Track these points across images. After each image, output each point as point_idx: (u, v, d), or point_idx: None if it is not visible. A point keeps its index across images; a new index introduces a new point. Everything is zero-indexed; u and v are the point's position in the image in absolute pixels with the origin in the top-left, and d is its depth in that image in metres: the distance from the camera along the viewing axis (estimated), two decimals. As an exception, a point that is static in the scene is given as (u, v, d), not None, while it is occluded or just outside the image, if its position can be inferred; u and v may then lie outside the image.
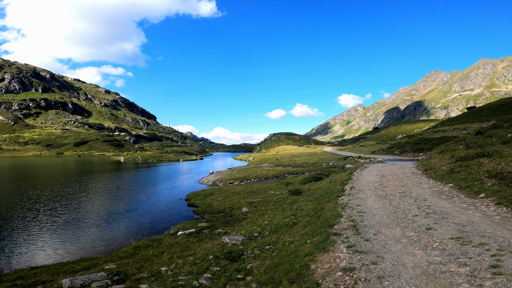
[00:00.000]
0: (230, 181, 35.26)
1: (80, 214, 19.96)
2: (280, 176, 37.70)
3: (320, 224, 9.26)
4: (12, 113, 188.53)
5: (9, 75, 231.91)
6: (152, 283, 7.85)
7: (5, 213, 19.41)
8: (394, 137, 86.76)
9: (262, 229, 12.38)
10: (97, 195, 28.03)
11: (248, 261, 8.34)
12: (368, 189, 14.61)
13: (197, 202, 23.20)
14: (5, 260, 11.89)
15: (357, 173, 21.25)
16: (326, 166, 42.11)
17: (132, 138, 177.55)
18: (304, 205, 14.24)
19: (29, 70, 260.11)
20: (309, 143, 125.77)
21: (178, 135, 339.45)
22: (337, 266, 5.89)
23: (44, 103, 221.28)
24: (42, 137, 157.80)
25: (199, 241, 13.10)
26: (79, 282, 7.96)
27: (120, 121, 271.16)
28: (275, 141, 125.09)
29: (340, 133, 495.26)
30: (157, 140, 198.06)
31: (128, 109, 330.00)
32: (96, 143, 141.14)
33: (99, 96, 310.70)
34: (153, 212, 21.04)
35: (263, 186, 28.04)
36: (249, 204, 20.44)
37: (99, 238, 15.06)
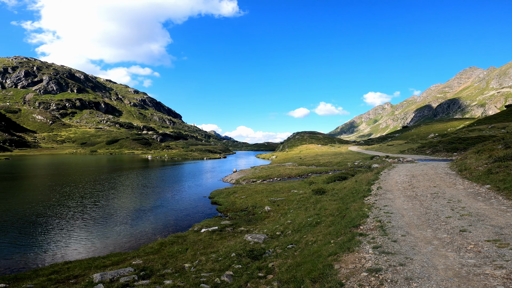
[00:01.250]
0: (253, 180, 35.35)
1: (110, 210, 20.75)
2: (304, 175, 37.20)
3: (345, 224, 8.99)
4: (50, 112, 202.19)
5: (47, 76, 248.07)
6: (176, 279, 7.98)
7: (42, 209, 20.63)
8: (425, 136, 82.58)
9: (284, 228, 12.25)
10: (126, 192, 29.16)
11: (270, 259, 8.29)
12: (396, 189, 13.98)
13: (221, 200, 23.45)
14: (42, 255, 12.49)
15: (384, 173, 20.42)
16: (351, 165, 40.95)
17: (159, 136, 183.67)
18: (328, 204, 13.90)
19: (65, 72, 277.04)
20: (333, 142, 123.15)
21: (202, 134, 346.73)
22: (362, 266, 5.73)
23: (79, 103, 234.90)
24: (78, 135, 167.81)
25: (221, 239, 13.21)
26: (108, 277, 8.25)
27: (148, 120, 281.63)
28: (298, 140, 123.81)
29: (366, 132, 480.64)
30: (182, 138, 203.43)
31: (155, 108, 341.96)
32: (126, 142, 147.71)
33: (129, 96, 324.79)
34: (178, 209, 21.49)
35: (286, 185, 27.80)
36: (272, 203, 20.34)
37: (128, 234, 15.53)
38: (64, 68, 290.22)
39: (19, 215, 18.72)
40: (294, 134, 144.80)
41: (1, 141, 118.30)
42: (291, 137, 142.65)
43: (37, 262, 11.71)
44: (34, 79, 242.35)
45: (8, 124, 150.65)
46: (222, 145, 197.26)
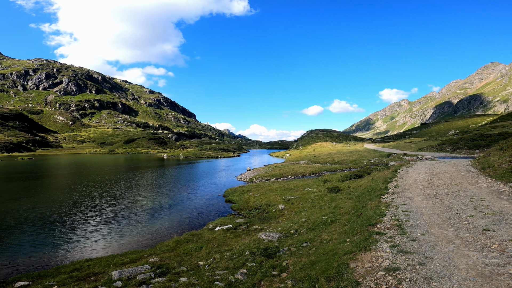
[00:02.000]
0: (266, 178, 35.29)
1: (128, 209, 21.14)
2: (318, 173, 36.78)
3: (361, 222, 8.80)
4: (70, 113, 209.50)
5: (67, 78, 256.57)
6: (190, 277, 8.05)
7: (63, 208, 21.29)
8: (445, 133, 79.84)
9: (298, 226, 12.13)
10: (143, 191, 29.69)
11: (284, 258, 8.24)
12: (415, 187, 13.56)
13: (235, 199, 23.52)
14: (64, 252, 12.82)
15: (402, 171, 19.86)
16: (367, 163, 40.12)
17: (174, 136, 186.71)
18: (343, 203, 13.65)
19: (83, 73, 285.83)
20: (348, 139, 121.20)
21: (216, 133, 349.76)
22: (379, 265, 5.62)
23: (98, 104, 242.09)
24: (97, 135, 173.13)
25: (236, 237, 13.23)
26: (126, 274, 8.42)
27: (163, 120, 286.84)
28: (312, 138, 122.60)
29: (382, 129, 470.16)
30: (196, 137, 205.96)
31: (170, 108, 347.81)
32: (143, 141, 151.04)
33: (144, 96, 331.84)
34: (193, 208, 21.69)
35: (300, 183, 27.57)
36: (286, 201, 20.21)
37: (144, 232, 15.76)
38: (82, 69, 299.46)
39: (42, 213, 19.39)
40: (308, 132, 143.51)
41: (25, 142, 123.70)
42: (305, 135, 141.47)
43: (59, 260, 12.02)
44: (54, 80, 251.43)
45: (31, 125, 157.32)
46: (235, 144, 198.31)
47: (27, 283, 8.95)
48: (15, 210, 19.96)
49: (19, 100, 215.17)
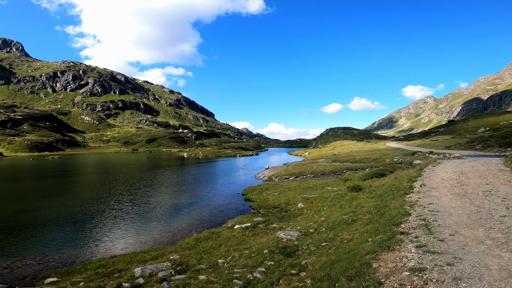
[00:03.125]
0: (285, 177, 35.04)
1: (150, 206, 21.62)
2: (338, 172, 36.04)
3: (384, 222, 8.48)
4: (96, 114, 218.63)
5: (92, 79, 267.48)
6: (209, 275, 8.12)
7: (89, 205, 22.13)
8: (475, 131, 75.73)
9: (318, 225, 11.91)
10: (164, 189, 30.37)
11: (303, 257, 8.11)
12: (442, 187, 12.91)
13: (253, 197, 23.53)
14: (90, 249, 13.24)
15: (428, 170, 19.01)
16: (390, 162, 38.81)
17: (194, 135, 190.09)
18: (365, 202, 13.24)
19: (108, 74, 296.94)
20: (369, 138, 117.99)
21: (234, 131, 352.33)
22: (403, 265, 5.45)
23: (121, 104, 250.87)
24: (121, 135, 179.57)
25: (254, 235, 13.21)
26: (148, 271, 8.61)
27: (183, 119, 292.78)
28: (332, 136, 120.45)
29: (406, 127, 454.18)
30: (215, 136, 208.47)
31: (189, 107, 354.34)
32: (164, 140, 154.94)
33: (165, 96, 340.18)
34: (213, 206, 21.89)
35: (320, 182, 27.12)
36: (305, 200, 19.94)
37: (166, 230, 16.03)
38: (106, 71, 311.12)
39: (70, 210, 20.21)
40: (327, 130, 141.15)
41: (55, 141, 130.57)
42: (324, 133, 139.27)
43: (86, 256, 12.40)
44: (80, 82, 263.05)
45: (60, 125, 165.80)
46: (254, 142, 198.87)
47: (56, 280, 9.29)
48: (46, 207, 20.89)
49: (48, 101, 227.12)
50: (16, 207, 20.95)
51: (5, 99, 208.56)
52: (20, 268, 10.99)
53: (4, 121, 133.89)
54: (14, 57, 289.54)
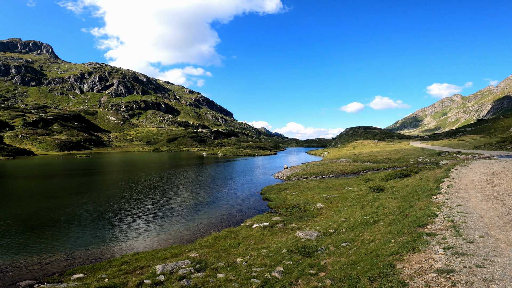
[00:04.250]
0: (304, 176, 34.65)
1: (170, 205, 22.07)
2: (359, 172, 35.15)
3: (408, 223, 8.16)
4: (121, 114, 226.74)
5: (116, 80, 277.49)
6: (228, 273, 8.16)
7: (113, 202, 22.92)
8: (506, 130, 71.38)
9: (338, 225, 11.66)
10: (184, 188, 30.90)
11: (322, 257, 7.97)
12: (472, 188, 12.24)
13: (272, 196, 23.45)
14: (115, 245, 13.64)
15: (456, 170, 18.10)
16: (413, 162, 37.35)
17: (213, 134, 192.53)
18: (387, 203, 12.80)
19: (131, 75, 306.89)
20: (391, 137, 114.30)
21: (252, 131, 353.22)
22: (430, 267, 5.30)
23: (144, 104, 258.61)
24: (143, 134, 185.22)
25: (272, 235, 13.17)
26: (168, 268, 8.80)
27: (202, 119, 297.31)
28: (352, 136, 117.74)
29: (431, 126, 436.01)
30: (234, 136, 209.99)
31: (208, 107, 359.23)
32: (184, 139, 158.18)
33: (185, 96, 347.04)
34: (231, 205, 22.02)
35: (340, 182, 26.58)
36: (324, 200, 19.61)
37: (185, 228, 16.29)
38: (129, 72, 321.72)
39: (96, 208, 20.99)
40: (347, 130, 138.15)
41: (82, 141, 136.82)
42: (344, 132, 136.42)
43: (111, 252, 12.78)
44: (106, 83, 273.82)
45: (87, 125, 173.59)
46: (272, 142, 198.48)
47: (82, 276, 9.64)
48: (74, 204, 21.82)
49: (77, 102, 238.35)
50: (46, 204, 21.99)
51: (37, 100, 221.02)
52: (49, 264, 11.40)
53: (36, 121, 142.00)
54: (44, 59, 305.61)
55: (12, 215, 18.34)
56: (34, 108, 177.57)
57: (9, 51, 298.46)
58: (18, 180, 37.88)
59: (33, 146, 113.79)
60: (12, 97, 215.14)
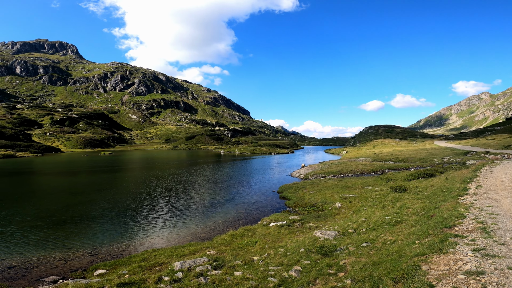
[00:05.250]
0: (322, 175, 34.14)
1: (188, 202, 22.40)
2: (379, 171, 34.18)
3: (434, 224, 7.82)
4: (141, 112, 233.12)
5: (137, 79, 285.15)
6: (245, 271, 8.16)
7: (134, 199, 23.54)
8: (541, 128, 66.85)
9: (358, 225, 11.36)
10: (201, 185, 31.29)
11: (341, 257, 7.79)
12: (502, 189, 11.55)
13: (289, 195, 23.27)
14: (135, 241, 13.98)
15: (485, 171, 17.16)
16: (438, 161, 35.84)
17: (230, 132, 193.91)
18: (410, 203, 12.32)
19: (150, 74, 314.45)
20: (414, 136, 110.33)
21: (269, 129, 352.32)
22: (458, 269, 5.13)
23: (163, 103, 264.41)
24: (163, 132, 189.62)
25: (290, 233, 13.07)
26: (186, 265, 8.91)
27: (219, 117, 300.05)
28: (372, 134, 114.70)
29: (457, 125, 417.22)
30: (251, 134, 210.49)
31: (225, 105, 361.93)
32: (202, 137, 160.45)
33: (202, 95, 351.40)
34: (248, 203, 22.06)
35: (359, 181, 25.95)
36: (343, 199, 19.20)
37: (203, 225, 16.47)
38: (149, 71, 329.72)
39: (118, 204, 21.58)
40: (367, 128, 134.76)
41: (106, 138, 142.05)
42: (363, 131, 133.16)
43: (131, 249, 13.06)
44: (127, 82, 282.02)
45: (110, 123, 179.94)
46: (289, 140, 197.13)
47: (104, 272, 9.92)
48: (97, 200, 22.57)
49: (100, 101, 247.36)
50: (72, 200, 22.87)
51: (63, 99, 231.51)
52: (73, 259, 11.75)
53: (62, 120, 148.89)
54: (70, 59, 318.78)
55: (40, 211, 19.15)
56: (61, 107, 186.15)
57: (36, 51, 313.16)
58: (46, 177, 39.83)
59: (60, 143, 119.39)
60: (41, 96, 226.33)
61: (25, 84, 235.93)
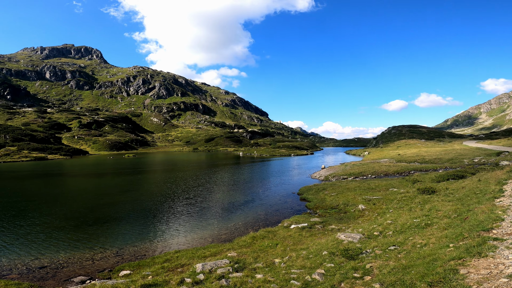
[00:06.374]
0: (343, 177, 33.36)
1: (208, 203, 22.58)
2: (404, 172, 32.90)
3: (469, 227, 7.39)
4: (162, 115, 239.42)
5: (158, 83, 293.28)
6: (266, 274, 8.06)
7: (156, 200, 24.04)
8: None
9: (383, 228, 10.94)
10: (221, 187, 31.46)
11: (368, 260, 7.51)
12: (543, 191, 10.65)
13: (309, 197, 22.91)
14: (158, 242, 14.21)
15: (521, 171, 15.95)
16: (468, 162, 33.99)
17: (248, 134, 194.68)
18: (441, 205, 11.71)
19: (170, 78, 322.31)
20: (441, 136, 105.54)
21: (288, 131, 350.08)
22: (500, 272, 4.90)
23: (183, 106, 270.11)
24: (183, 135, 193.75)
25: (311, 236, 12.85)
26: (208, 267, 8.91)
27: (238, 119, 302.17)
28: (395, 135, 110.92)
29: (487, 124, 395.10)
30: (269, 135, 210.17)
31: (244, 107, 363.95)
32: (221, 140, 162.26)
33: (221, 97, 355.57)
34: (268, 205, 21.92)
35: (383, 183, 25.09)
36: (367, 201, 18.61)
37: (223, 227, 16.51)
38: (169, 74, 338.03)
39: (142, 205, 22.08)
40: (390, 129, 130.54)
41: (130, 141, 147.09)
42: (386, 132, 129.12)
43: (154, 249, 13.29)
44: (149, 86, 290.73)
45: (133, 126, 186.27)
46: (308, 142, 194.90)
47: (129, 272, 10.11)
48: (122, 202, 23.22)
49: (124, 104, 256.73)
50: (98, 201, 23.73)
51: (90, 103, 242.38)
52: (100, 260, 12.03)
53: (90, 123, 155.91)
54: (95, 64, 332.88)
55: (69, 212, 19.99)
56: (88, 111, 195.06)
57: (63, 56, 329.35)
58: (74, 179, 41.75)
59: (87, 146, 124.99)
60: (69, 100, 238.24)
61: (55, 89, 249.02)
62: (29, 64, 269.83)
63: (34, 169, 53.52)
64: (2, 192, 28.25)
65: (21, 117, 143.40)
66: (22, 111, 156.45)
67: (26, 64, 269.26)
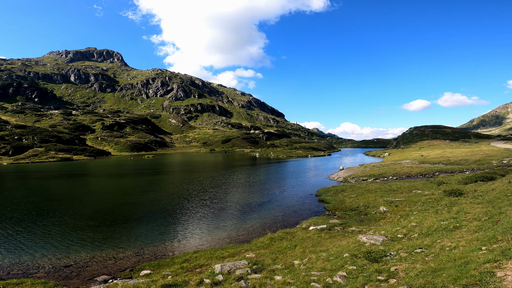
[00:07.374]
0: (363, 178, 32.60)
1: (226, 204, 22.67)
2: (428, 174, 31.70)
3: (503, 230, 7.06)
4: (180, 117, 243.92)
5: (176, 85, 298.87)
6: (285, 276, 7.98)
7: (175, 201, 24.40)
8: None
9: (408, 230, 10.58)
10: (238, 188, 31.56)
11: (392, 263, 7.28)
12: None
13: (328, 198, 22.55)
14: (177, 242, 14.37)
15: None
16: (497, 164, 32.30)
17: (265, 135, 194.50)
18: (469, 208, 11.18)
19: (188, 80, 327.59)
20: (467, 137, 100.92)
21: (305, 132, 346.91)
22: None
23: (200, 107, 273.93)
24: (200, 136, 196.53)
25: (331, 238, 12.65)
26: (226, 268, 8.93)
27: (254, 120, 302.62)
28: (417, 136, 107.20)
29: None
30: (285, 137, 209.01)
31: (260, 108, 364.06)
32: (237, 141, 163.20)
33: (237, 98, 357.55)
34: (286, 206, 21.76)
35: (405, 184, 24.30)
36: (388, 203, 18.09)
37: (241, 228, 16.52)
38: (186, 76, 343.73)
39: (161, 205, 22.45)
40: (411, 129, 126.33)
41: (149, 142, 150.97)
42: (407, 132, 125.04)
43: (173, 249, 13.44)
44: (167, 88, 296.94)
45: (153, 128, 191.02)
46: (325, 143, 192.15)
47: (149, 272, 10.26)
48: (143, 202, 23.73)
49: (144, 106, 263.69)
50: (120, 201, 24.39)
51: (112, 105, 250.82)
52: (121, 259, 12.16)
53: (112, 125, 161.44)
54: (116, 67, 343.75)
55: (92, 211, 20.61)
56: (110, 113, 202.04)
57: (87, 59, 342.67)
58: (98, 178, 43.32)
59: (110, 147, 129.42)
60: (92, 103, 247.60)
61: (79, 92, 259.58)
62: (55, 67, 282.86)
63: (61, 170, 56.00)
64: (29, 192, 29.73)
65: (48, 119, 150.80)
66: (49, 114, 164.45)
67: (52, 67, 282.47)
